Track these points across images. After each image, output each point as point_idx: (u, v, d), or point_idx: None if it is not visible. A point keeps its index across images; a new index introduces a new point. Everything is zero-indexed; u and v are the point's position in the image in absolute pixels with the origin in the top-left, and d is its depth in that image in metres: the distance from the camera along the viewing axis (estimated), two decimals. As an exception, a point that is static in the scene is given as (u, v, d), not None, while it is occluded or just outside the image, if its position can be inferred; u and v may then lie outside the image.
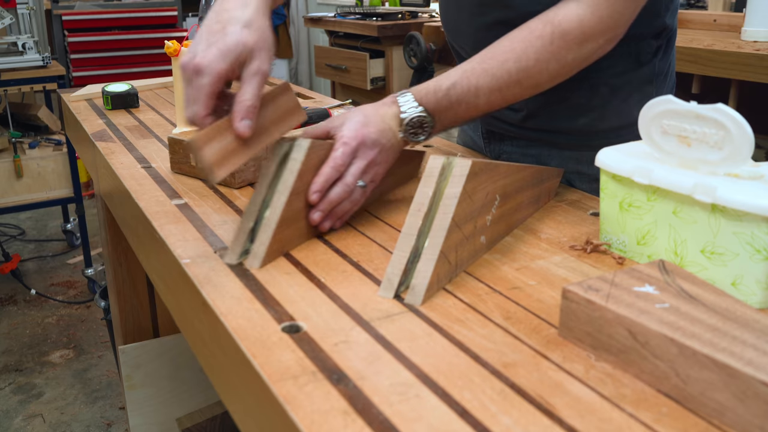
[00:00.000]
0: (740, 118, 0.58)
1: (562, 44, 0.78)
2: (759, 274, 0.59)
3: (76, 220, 3.02)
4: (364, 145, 0.75)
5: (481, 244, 0.70)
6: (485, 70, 0.79)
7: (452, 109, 0.80)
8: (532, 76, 0.79)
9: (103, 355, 2.43)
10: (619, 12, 0.78)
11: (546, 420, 0.45)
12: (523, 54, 0.78)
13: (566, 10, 0.78)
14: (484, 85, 0.79)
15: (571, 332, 0.55)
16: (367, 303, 0.61)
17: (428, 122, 0.79)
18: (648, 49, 0.93)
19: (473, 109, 0.81)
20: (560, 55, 0.79)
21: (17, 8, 2.78)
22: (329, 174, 0.73)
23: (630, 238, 0.69)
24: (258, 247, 0.68)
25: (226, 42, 0.68)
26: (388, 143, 0.77)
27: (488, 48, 0.81)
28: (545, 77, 0.80)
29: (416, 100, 0.79)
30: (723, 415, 0.45)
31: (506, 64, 0.79)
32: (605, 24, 0.78)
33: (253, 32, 0.69)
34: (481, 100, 0.80)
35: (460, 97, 0.79)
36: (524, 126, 0.99)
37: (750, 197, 0.57)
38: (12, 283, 2.90)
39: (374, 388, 0.48)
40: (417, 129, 0.79)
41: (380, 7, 3.64)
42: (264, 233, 0.69)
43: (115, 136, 1.19)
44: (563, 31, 0.78)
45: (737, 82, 1.82)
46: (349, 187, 0.74)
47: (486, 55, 0.80)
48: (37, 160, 2.77)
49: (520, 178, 0.77)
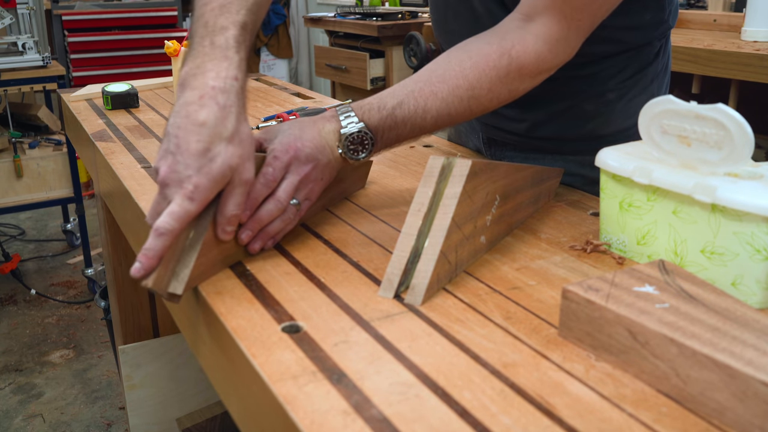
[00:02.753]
0: (740, 118, 0.58)
1: (517, 77, 0.78)
2: (759, 274, 0.59)
3: (76, 220, 3.02)
4: (297, 160, 0.70)
5: (481, 244, 0.70)
6: (434, 93, 0.77)
7: (396, 129, 0.76)
8: (482, 103, 0.78)
9: (103, 355, 2.43)
10: (573, 46, 0.79)
11: (546, 420, 0.45)
12: (476, 82, 0.77)
13: (524, 44, 0.77)
14: (432, 108, 0.76)
15: (571, 332, 0.55)
16: (367, 303, 0.61)
17: (369, 140, 0.74)
18: (651, 51, 0.94)
19: (418, 130, 0.78)
20: (513, 86, 0.78)
21: (17, 8, 2.78)
22: (259, 191, 0.68)
23: (630, 238, 0.69)
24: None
25: (214, 170, 0.62)
26: (325, 159, 0.72)
27: (437, 67, 0.78)
28: (494, 104, 0.80)
29: (358, 116, 0.74)
30: (723, 415, 0.45)
31: (458, 90, 0.77)
32: (559, 59, 0.79)
33: (236, 146, 0.64)
34: (428, 122, 0.77)
35: (406, 118, 0.76)
36: (530, 136, 0.99)
37: (750, 197, 0.57)
38: (12, 283, 2.90)
39: (374, 388, 0.48)
40: (357, 146, 0.74)
41: (380, 7, 3.64)
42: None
43: (115, 136, 1.19)
44: (520, 65, 0.77)
45: (737, 82, 1.82)
46: (282, 204, 0.69)
47: (435, 76, 0.78)
48: (37, 160, 2.77)
49: (520, 178, 0.77)
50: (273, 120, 1.19)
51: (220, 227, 0.65)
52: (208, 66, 0.66)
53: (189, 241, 0.63)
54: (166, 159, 0.63)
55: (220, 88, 0.65)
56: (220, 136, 0.63)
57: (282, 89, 1.64)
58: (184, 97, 0.65)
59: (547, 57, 0.78)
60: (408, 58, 2.89)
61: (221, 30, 0.68)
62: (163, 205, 0.63)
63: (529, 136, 0.99)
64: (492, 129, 1.04)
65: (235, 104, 0.65)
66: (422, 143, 1.15)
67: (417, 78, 0.78)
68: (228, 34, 0.68)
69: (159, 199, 0.64)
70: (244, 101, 0.68)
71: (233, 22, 0.69)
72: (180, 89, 0.66)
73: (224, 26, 0.68)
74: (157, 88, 1.63)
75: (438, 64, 0.79)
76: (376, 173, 0.98)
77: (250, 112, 1.37)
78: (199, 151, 0.62)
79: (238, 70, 0.67)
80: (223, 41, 0.67)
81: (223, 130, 0.63)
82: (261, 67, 5.05)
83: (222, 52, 0.67)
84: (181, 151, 0.62)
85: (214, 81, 0.65)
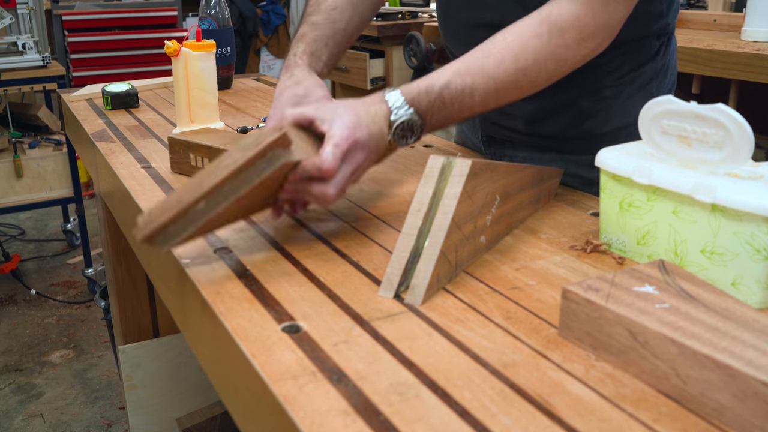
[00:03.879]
0: (740, 118, 0.58)
1: (560, 42, 0.76)
2: (759, 274, 0.59)
3: (76, 220, 3.02)
4: (354, 149, 0.71)
5: (481, 244, 0.70)
6: (480, 69, 0.76)
7: (444, 110, 0.76)
8: (529, 75, 0.77)
9: (103, 355, 2.43)
10: (612, 11, 0.77)
11: (546, 420, 0.45)
12: (521, 53, 0.76)
13: (559, 7, 0.76)
14: (480, 86, 0.76)
15: (571, 332, 0.55)
16: (367, 303, 0.61)
17: (418, 125, 0.75)
18: (650, 49, 0.93)
19: (466, 110, 0.78)
20: (558, 54, 0.77)
21: (17, 8, 2.78)
22: (313, 173, 0.69)
23: (630, 238, 0.69)
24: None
25: None
26: (375, 147, 0.73)
27: (480, 46, 0.78)
28: (543, 77, 0.78)
29: (407, 102, 0.74)
30: (723, 415, 0.45)
31: (503, 63, 0.76)
32: (601, 22, 0.77)
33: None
34: (476, 101, 0.77)
35: (454, 98, 0.76)
36: (528, 132, 0.99)
37: (750, 197, 0.57)
38: (12, 283, 2.90)
39: (374, 388, 0.48)
40: (407, 132, 0.75)
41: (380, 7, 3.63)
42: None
43: (115, 136, 1.19)
44: (560, 29, 0.76)
45: (737, 82, 1.82)
46: (333, 195, 0.70)
47: (479, 53, 0.77)
48: (37, 160, 2.77)
49: (520, 178, 0.77)
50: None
51: (278, 208, 0.72)
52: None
53: (199, 209, 0.61)
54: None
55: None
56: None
57: (282, 89, 1.64)
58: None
59: (586, 19, 0.76)
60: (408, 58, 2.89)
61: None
62: None
63: (527, 133, 0.99)
64: (491, 125, 1.04)
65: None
66: (422, 143, 1.15)
67: (463, 57, 0.78)
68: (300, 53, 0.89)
69: None
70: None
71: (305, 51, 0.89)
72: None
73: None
74: (157, 88, 1.63)
75: (483, 43, 0.78)
76: (376, 173, 0.98)
77: (250, 112, 1.37)
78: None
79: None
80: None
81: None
82: (261, 67, 5.05)
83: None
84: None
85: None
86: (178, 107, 1.12)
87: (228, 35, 1.55)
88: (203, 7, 1.53)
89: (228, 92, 1.57)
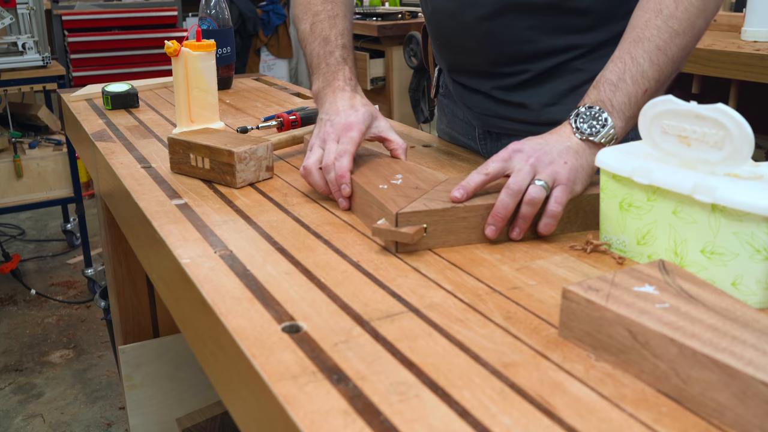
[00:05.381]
0: (740, 118, 0.58)
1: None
2: (759, 274, 0.59)
3: (76, 220, 3.02)
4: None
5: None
6: (638, 41, 0.77)
7: (638, 107, 0.76)
8: (680, 22, 0.78)
9: (103, 355, 2.43)
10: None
11: (546, 420, 0.45)
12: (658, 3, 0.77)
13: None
14: (645, 61, 0.77)
15: (571, 332, 0.55)
16: (367, 303, 0.61)
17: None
18: None
19: (653, 92, 0.78)
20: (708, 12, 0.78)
21: (17, 8, 2.78)
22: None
23: (630, 238, 0.69)
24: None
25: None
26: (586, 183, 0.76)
27: (626, 32, 0.79)
28: (686, 26, 0.79)
29: (618, 133, 0.76)
30: (723, 415, 0.45)
31: (651, 22, 0.77)
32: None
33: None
34: (651, 77, 0.78)
35: (639, 91, 0.77)
36: (536, 121, 0.99)
37: (750, 197, 0.57)
38: (12, 283, 2.90)
39: (374, 388, 0.48)
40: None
41: (380, 7, 3.64)
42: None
43: (115, 136, 1.19)
44: None
45: (737, 82, 1.82)
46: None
47: (627, 34, 0.79)
48: (37, 160, 2.77)
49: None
50: (273, 120, 1.19)
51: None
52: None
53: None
54: None
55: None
56: None
57: (282, 89, 1.64)
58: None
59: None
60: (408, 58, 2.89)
61: (330, 54, 0.96)
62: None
63: (534, 122, 0.98)
64: (493, 119, 1.04)
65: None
66: (422, 143, 1.15)
67: (620, 47, 0.79)
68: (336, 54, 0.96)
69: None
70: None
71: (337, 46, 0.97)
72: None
73: (331, 51, 0.96)
74: (157, 88, 1.63)
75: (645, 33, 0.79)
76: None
77: (250, 112, 1.37)
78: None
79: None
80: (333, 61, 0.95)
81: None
82: (261, 67, 5.04)
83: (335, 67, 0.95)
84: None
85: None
86: (178, 107, 1.12)
87: (228, 35, 1.55)
88: (203, 7, 1.53)
89: (228, 92, 1.58)
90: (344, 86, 0.93)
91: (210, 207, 0.85)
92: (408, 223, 0.71)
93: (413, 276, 0.66)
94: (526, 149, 0.75)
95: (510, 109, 1.00)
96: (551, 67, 0.96)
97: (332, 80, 0.94)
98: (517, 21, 0.94)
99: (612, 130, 0.75)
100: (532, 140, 0.76)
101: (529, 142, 0.76)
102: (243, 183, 0.93)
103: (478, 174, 0.74)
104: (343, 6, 1.02)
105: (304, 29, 1.01)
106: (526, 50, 0.96)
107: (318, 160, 0.86)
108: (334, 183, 0.83)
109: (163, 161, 1.03)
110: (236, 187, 0.92)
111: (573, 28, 0.94)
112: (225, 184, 0.93)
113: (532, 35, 0.94)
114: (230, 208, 0.85)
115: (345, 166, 0.82)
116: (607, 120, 0.75)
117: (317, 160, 0.86)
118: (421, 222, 0.71)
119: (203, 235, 0.76)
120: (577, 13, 0.93)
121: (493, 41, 0.96)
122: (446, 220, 0.72)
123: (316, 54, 0.97)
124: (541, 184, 0.71)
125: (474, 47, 0.99)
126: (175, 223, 0.80)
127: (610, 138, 0.76)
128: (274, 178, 0.97)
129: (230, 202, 0.87)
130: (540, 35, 0.94)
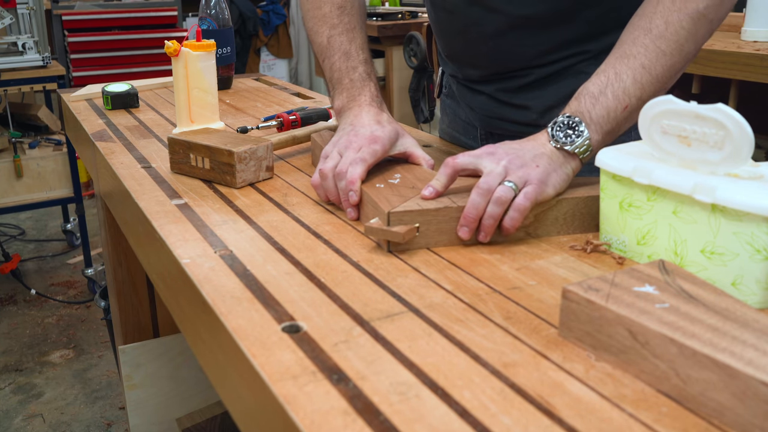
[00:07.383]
0: (740, 118, 0.58)
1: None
2: (759, 274, 0.59)
3: (76, 220, 3.02)
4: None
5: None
6: (624, 57, 0.77)
7: (617, 123, 0.77)
8: (668, 41, 0.77)
9: (103, 355, 2.43)
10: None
11: (546, 420, 0.45)
12: (649, 22, 0.77)
13: None
14: (628, 77, 0.77)
15: (571, 332, 0.55)
16: (367, 303, 0.61)
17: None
18: None
19: (634, 112, 0.77)
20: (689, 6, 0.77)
21: (17, 8, 2.78)
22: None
23: (630, 238, 0.69)
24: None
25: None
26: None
27: (617, 43, 0.79)
28: (672, 42, 0.78)
29: (594, 145, 0.76)
30: (723, 415, 0.45)
31: (638, 38, 0.77)
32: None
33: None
34: (633, 98, 0.77)
35: (619, 106, 0.77)
36: (536, 124, 0.99)
37: (750, 197, 0.57)
38: (12, 283, 2.90)
39: (374, 388, 0.48)
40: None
41: (380, 7, 3.64)
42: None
43: (115, 136, 1.19)
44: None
45: (737, 82, 1.82)
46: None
47: (617, 49, 0.79)
48: (37, 160, 2.77)
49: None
50: (273, 120, 1.19)
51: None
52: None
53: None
54: None
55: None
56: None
57: (282, 89, 1.64)
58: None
59: None
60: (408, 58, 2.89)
61: (353, 69, 0.95)
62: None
63: (536, 124, 0.98)
64: (495, 121, 1.04)
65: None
66: (422, 143, 1.15)
67: (606, 62, 0.79)
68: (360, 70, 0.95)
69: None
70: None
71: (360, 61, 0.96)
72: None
73: (354, 66, 0.96)
74: (157, 88, 1.63)
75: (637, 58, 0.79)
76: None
77: (249, 112, 1.37)
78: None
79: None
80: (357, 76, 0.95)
81: None
82: (261, 67, 5.05)
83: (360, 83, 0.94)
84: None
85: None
86: (178, 107, 1.12)
87: (228, 35, 1.55)
88: (203, 7, 1.53)
89: (228, 92, 1.58)
90: (371, 102, 0.92)
91: (210, 207, 0.85)
92: (400, 223, 0.71)
93: (413, 276, 0.66)
94: (500, 152, 0.75)
95: (513, 111, 1.00)
96: (556, 71, 0.96)
97: (357, 95, 0.93)
98: (524, 39, 0.95)
99: (587, 141, 0.75)
100: (507, 144, 0.76)
101: (503, 146, 0.76)
102: (243, 183, 0.93)
103: (446, 167, 0.74)
104: (359, 18, 1.01)
105: (320, 42, 1.00)
106: (533, 62, 0.97)
107: (334, 166, 0.83)
108: (343, 190, 0.81)
109: (163, 161, 1.03)
110: (236, 187, 0.92)
111: (579, 40, 0.94)
112: (225, 184, 0.93)
113: (538, 50, 0.95)
114: (230, 208, 0.85)
115: (357, 174, 0.80)
116: (583, 131, 0.75)
117: (333, 166, 0.83)
118: (413, 221, 0.71)
119: (203, 235, 0.76)
120: (584, 27, 0.93)
121: (499, 57, 0.98)
122: (438, 219, 0.72)
123: (337, 68, 0.96)
124: (510, 185, 0.71)
125: (480, 62, 1.01)
126: (175, 223, 0.80)
127: (585, 149, 0.75)
128: (274, 178, 0.97)
129: (230, 202, 0.87)
130: (546, 49, 0.95)
